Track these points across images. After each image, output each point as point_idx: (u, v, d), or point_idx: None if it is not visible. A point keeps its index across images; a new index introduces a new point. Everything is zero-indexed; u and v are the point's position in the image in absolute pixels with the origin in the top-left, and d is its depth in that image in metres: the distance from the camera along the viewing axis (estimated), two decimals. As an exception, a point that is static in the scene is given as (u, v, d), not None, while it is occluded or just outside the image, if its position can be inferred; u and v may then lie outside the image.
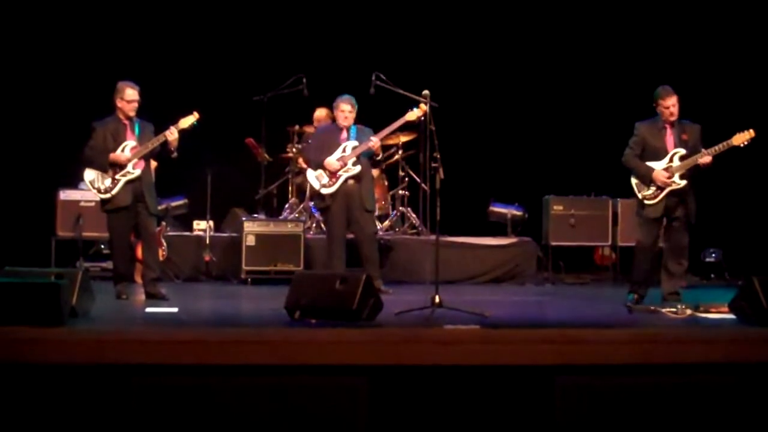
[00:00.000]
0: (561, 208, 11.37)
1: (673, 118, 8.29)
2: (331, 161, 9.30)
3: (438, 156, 8.12)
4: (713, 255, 11.70)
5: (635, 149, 8.37)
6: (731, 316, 7.12)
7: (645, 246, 8.41)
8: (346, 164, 9.30)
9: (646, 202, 8.31)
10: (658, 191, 8.24)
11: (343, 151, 9.35)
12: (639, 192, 8.34)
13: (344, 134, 9.43)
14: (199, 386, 5.62)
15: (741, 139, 8.14)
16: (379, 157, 9.94)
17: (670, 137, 8.32)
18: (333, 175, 9.32)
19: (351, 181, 9.32)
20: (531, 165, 12.28)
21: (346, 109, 9.40)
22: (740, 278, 8.20)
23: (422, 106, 9.07)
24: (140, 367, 5.57)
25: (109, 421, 5.53)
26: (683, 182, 8.22)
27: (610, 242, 11.43)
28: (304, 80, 11.23)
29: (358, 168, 9.31)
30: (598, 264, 11.82)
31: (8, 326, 5.66)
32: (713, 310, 7.54)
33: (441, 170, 8.07)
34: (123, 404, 5.52)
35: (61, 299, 5.95)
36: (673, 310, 7.61)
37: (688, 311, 7.57)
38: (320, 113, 11.84)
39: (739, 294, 7.04)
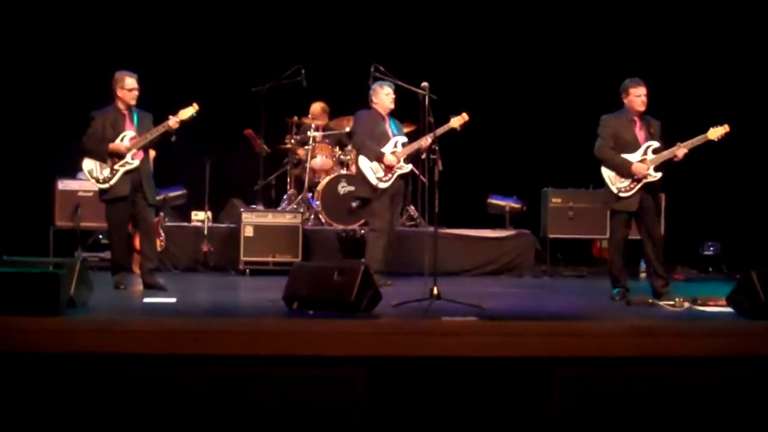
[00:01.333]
0: (559, 200, 11.37)
1: (642, 108, 8.27)
2: (390, 157, 9.20)
3: (437, 148, 8.12)
4: (711, 248, 11.70)
5: (608, 141, 8.31)
6: (729, 309, 7.13)
7: (619, 239, 8.39)
8: (399, 160, 9.24)
9: (621, 194, 8.27)
10: (634, 183, 8.21)
11: (395, 145, 9.29)
12: (613, 184, 8.28)
13: (387, 122, 9.39)
14: (197, 376, 5.62)
15: (716, 133, 8.11)
16: (423, 156, 9.77)
17: (640, 130, 8.29)
18: (389, 170, 9.23)
19: (400, 177, 9.33)
20: (530, 157, 12.28)
21: (391, 92, 9.34)
22: (738, 272, 8.20)
23: (464, 115, 9.19)
24: (138, 357, 5.58)
25: (107, 411, 5.54)
26: (658, 174, 8.19)
27: (608, 235, 11.40)
28: (303, 71, 11.23)
29: (409, 167, 9.31)
30: (596, 257, 11.82)
31: (6, 316, 5.66)
32: (711, 303, 7.55)
33: (440, 162, 8.06)
34: (121, 394, 5.53)
35: (59, 289, 5.94)
36: (671, 303, 7.63)
37: (686, 304, 7.59)
38: (315, 108, 11.85)
39: (737, 287, 7.05)
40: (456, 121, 9.23)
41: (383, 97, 9.36)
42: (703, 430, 5.85)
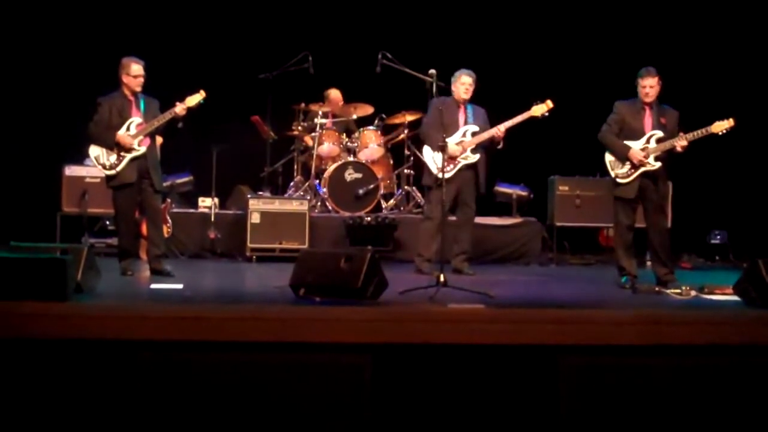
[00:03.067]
0: (566, 188, 11.36)
1: (647, 99, 8.27)
2: (453, 147, 9.03)
3: (444, 135, 8.12)
4: (718, 237, 11.69)
5: (613, 127, 8.37)
6: (736, 298, 7.12)
7: (622, 226, 8.41)
8: (465, 150, 9.11)
9: (619, 180, 8.31)
10: (632, 170, 8.23)
11: (463, 135, 9.14)
12: (612, 170, 8.33)
13: (462, 112, 9.20)
14: (204, 363, 5.63)
15: (720, 127, 8.12)
16: (500, 146, 9.33)
17: (648, 119, 8.31)
18: (452, 160, 9.08)
19: (465, 168, 9.14)
20: (537, 145, 12.24)
21: (467, 82, 9.14)
22: (745, 260, 8.19)
23: (548, 102, 9.05)
24: (145, 343, 5.58)
25: (114, 397, 5.55)
26: (658, 164, 8.21)
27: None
28: (310, 58, 11.23)
29: (476, 156, 9.11)
30: (603, 245, 11.80)
31: (14, 301, 5.67)
32: (718, 291, 7.55)
33: (447, 149, 8.05)
34: (127, 380, 5.53)
35: (66, 275, 5.96)
36: (678, 291, 7.63)
37: (693, 292, 7.60)
38: (336, 93, 11.83)
39: (744, 276, 7.04)
40: (537, 110, 9.10)
41: (458, 86, 9.17)
42: (708, 418, 5.85)
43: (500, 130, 9.02)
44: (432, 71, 8.73)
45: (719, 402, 5.87)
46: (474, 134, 9.15)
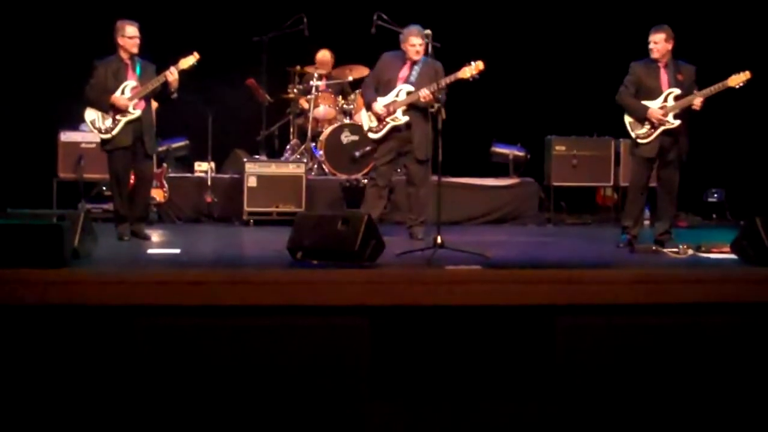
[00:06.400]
0: (563, 148, 11.33)
1: (653, 56, 8.22)
2: (379, 107, 8.77)
3: (441, 96, 8.06)
4: (715, 195, 11.69)
5: (630, 88, 8.32)
6: (733, 256, 7.14)
7: (638, 186, 8.41)
8: (393, 112, 8.77)
9: (639, 141, 8.28)
10: (652, 130, 8.21)
11: (397, 95, 8.77)
12: (632, 131, 8.30)
13: (405, 70, 8.80)
14: (201, 327, 5.64)
15: (737, 80, 8.07)
16: (433, 109, 8.31)
17: (664, 77, 8.27)
18: (380, 120, 8.84)
19: (403, 128, 8.78)
20: (533, 105, 12.22)
21: (416, 43, 8.70)
22: (742, 218, 8.20)
23: (478, 64, 8.58)
24: (142, 308, 5.59)
25: (111, 362, 5.56)
26: (677, 122, 8.17)
27: (612, 183, 11.41)
28: (305, 20, 11.17)
29: (405, 119, 8.74)
30: (600, 204, 11.81)
31: (10, 268, 5.67)
32: (715, 250, 7.56)
33: (443, 111, 8.00)
34: (125, 345, 5.55)
35: (63, 241, 5.96)
36: (675, 250, 7.65)
37: (690, 251, 7.60)
38: (325, 54, 11.76)
39: (741, 234, 7.06)
40: (465, 72, 8.57)
41: (408, 47, 8.77)
42: (705, 376, 5.87)
43: (425, 93, 8.55)
44: (427, 31, 8.65)
45: (716, 360, 5.89)
46: (409, 94, 8.77)
